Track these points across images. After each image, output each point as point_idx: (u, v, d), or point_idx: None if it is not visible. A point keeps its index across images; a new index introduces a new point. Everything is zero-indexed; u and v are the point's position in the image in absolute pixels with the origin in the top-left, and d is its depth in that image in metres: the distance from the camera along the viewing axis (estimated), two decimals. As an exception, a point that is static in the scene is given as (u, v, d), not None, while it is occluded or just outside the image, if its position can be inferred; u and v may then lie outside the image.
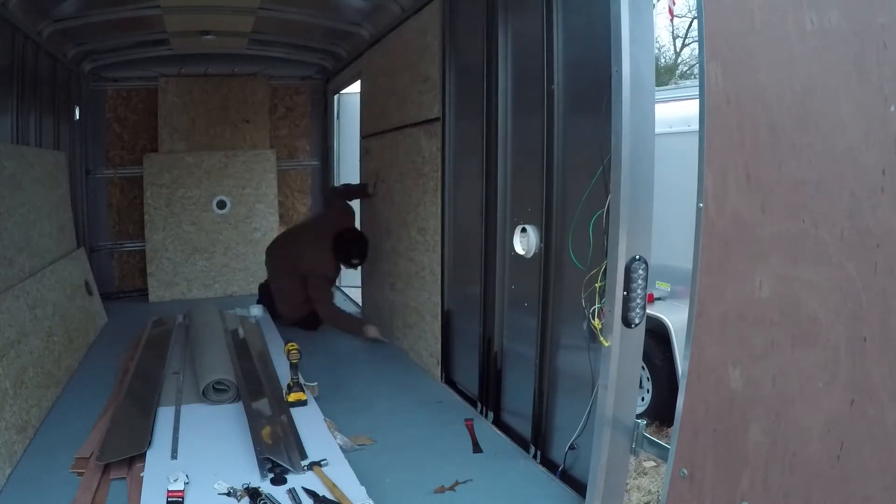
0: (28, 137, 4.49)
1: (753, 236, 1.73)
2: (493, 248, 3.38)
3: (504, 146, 3.29)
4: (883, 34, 1.45)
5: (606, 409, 2.25)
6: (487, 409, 3.49)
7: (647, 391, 5.17)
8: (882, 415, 1.48)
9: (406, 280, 4.65)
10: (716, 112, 1.77)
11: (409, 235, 4.54)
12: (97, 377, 3.99)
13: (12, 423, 2.91)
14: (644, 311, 2.19)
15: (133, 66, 6.30)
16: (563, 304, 2.83)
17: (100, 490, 2.60)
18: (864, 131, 1.50)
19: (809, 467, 1.64)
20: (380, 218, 5.21)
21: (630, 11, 2.04)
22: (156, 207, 6.38)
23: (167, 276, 6.44)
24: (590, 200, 2.48)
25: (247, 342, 4.52)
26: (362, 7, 4.97)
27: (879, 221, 1.48)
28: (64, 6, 4.52)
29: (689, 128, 4.81)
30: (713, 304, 1.84)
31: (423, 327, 4.32)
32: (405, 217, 4.59)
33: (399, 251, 4.77)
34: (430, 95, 4.07)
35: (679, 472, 1.92)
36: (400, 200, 4.70)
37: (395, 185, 4.82)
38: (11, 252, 3.62)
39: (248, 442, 2.94)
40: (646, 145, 2.12)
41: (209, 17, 5.13)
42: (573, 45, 2.74)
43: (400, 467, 2.89)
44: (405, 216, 4.59)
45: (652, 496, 4.07)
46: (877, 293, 1.49)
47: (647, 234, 2.17)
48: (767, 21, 1.69)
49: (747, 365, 1.77)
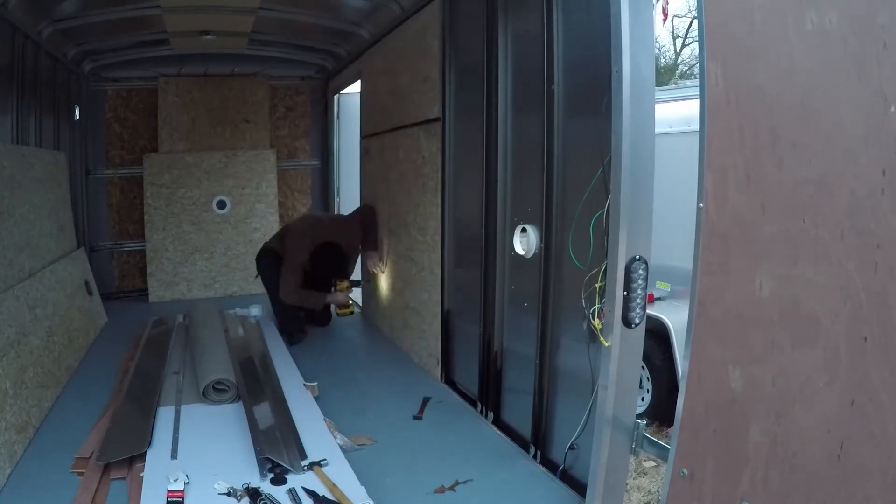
0: (28, 137, 4.49)
1: (753, 236, 1.73)
2: (493, 248, 3.37)
3: (504, 146, 3.29)
4: (883, 34, 1.45)
5: (606, 409, 2.25)
6: (487, 409, 3.48)
7: (647, 391, 5.16)
8: (882, 415, 1.48)
9: (406, 280, 4.65)
10: (716, 112, 1.78)
11: (409, 235, 4.54)
12: (97, 377, 3.99)
13: (12, 423, 2.91)
14: (644, 311, 2.19)
15: (133, 66, 6.30)
16: (563, 304, 2.83)
17: (100, 490, 2.60)
18: (864, 131, 1.51)
19: (809, 467, 1.64)
20: (380, 218, 5.21)
21: (630, 11, 2.04)
22: (156, 207, 6.38)
23: (167, 276, 6.44)
24: (590, 200, 2.48)
25: (247, 342, 4.52)
26: (362, 7, 4.97)
27: (879, 221, 1.48)
28: (64, 6, 4.52)
29: (689, 128, 4.81)
30: (713, 304, 1.84)
31: (423, 327, 4.32)
32: (405, 217, 4.59)
33: (399, 251, 4.77)
34: (430, 95, 4.07)
35: (679, 472, 1.92)
36: (400, 200, 4.70)
37: (394, 186, 4.81)
38: (11, 252, 3.62)
39: (248, 442, 2.94)
40: (646, 145, 2.12)
41: (209, 17, 5.13)
42: (573, 45, 2.74)
43: (400, 467, 2.89)
44: (405, 216, 4.59)
45: (652, 496, 4.06)
46: (877, 293, 1.49)
47: (647, 234, 2.17)
48: (767, 21, 1.69)
49: (747, 365, 1.77)
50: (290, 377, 3.89)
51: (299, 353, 4.43)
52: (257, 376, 3.79)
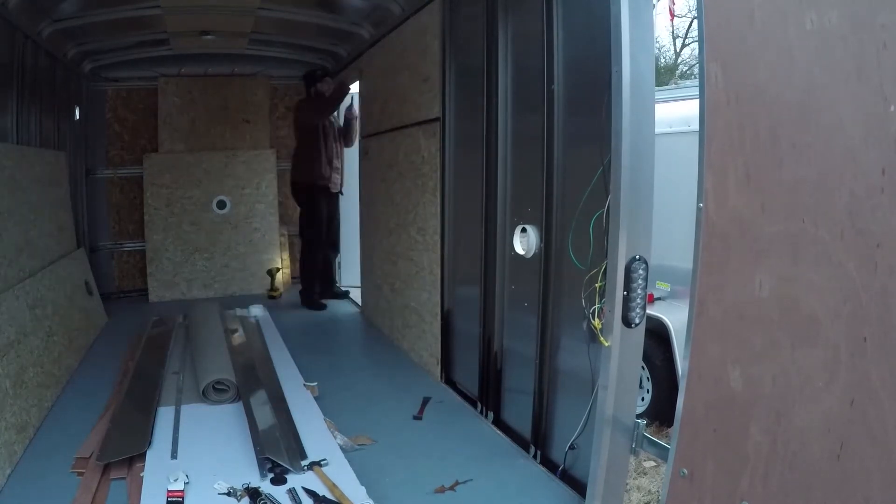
0: (28, 137, 4.49)
1: (753, 236, 1.73)
2: (493, 248, 3.37)
3: (504, 146, 3.29)
4: (883, 34, 1.44)
5: (606, 409, 2.25)
6: (487, 409, 3.48)
7: (647, 391, 5.16)
8: (882, 415, 1.48)
9: (406, 280, 4.64)
10: (716, 112, 1.77)
11: (408, 236, 4.54)
12: (97, 377, 3.99)
13: (12, 423, 2.91)
14: (644, 311, 2.19)
15: (133, 66, 6.30)
16: (563, 304, 2.83)
17: (100, 490, 2.60)
18: (864, 131, 1.50)
19: (809, 467, 1.64)
20: (379, 218, 5.21)
21: (630, 11, 2.05)
22: (156, 207, 6.38)
23: (167, 276, 6.44)
24: (590, 200, 2.48)
25: (247, 342, 4.52)
26: (362, 7, 4.97)
27: (879, 221, 1.47)
28: (64, 6, 4.52)
29: (689, 128, 4.81)
30: (713, 304, 1.84)
31: (423, 327, 4.32)
32: (405, 217, 4.59)
33: (399, 252, 4.77)
34: (430, 95, 4.07)
35: (679, 472, 1.92)
36: (400, 201, 4.70)
37: (394, 185, 4.81)
38: (11, 252, 3.62)
39: (248, 442, 2.94)
40: (646, 145, 2.12)
41: (209, 17, 5.13)
42: (573, 45, 2.74)
43: (400, 467, 2.89)
44: (405, 216, 4.59)
45: (652, 496, 4.06)
46: (877, 293, 1.49)
47: (647, 234, 2.17)
48: (767, 21, 1.69)
49: (747, 365, 1.77)
50: (290, 377, 3.89)
51: (299, 353, 4.43)
52: (257, 376, 3.79)
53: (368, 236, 5.60)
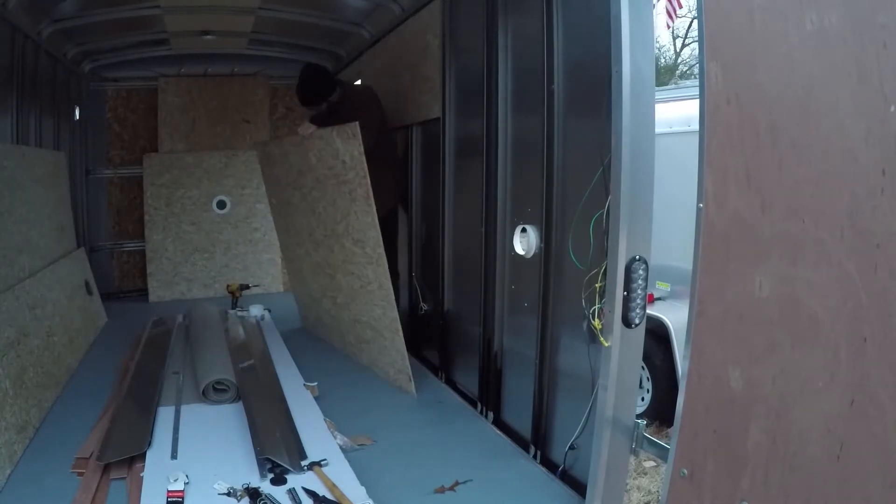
0: (28, 137, 4.49)
1: (753, 236, 1.73)
2: (493, 248, 3.37)
3: (504, 146, 3.29)
4: (883, 34, 1.44)
5: (606, 409, 2.25)
6: (487, 409, 3.48)
7: (647, 391, 5.16)
8: (882, 415, 1.48)
9: (350, 294, 4.25)
10: (716, 112, 1.77)
11: (343, 247, 4.17)
12: (97, 377, 3.99)
13: (12, 423, 2.91)
14: (644, 311, 2.19)
15: (133, 66, 6.30)
16: (563, 304, 2.83)
17: (100, 490, 2.60)
18: (864, 131, 1.50)
19: (809, 467, 1.64)
20: (302, 229, 4.68)
21: (630, 11, 2.04)
22: (156, 207, 6.38)
23: (167, 276, 6.44)
24: (590, 200, 2.47)
25: (247, 342, 4.52)
26: (362, 7, 4.97)
27: (879, 221, 1.48)
28: (64, 6, 4.52)
29: (689, 128, 4.81)
30: (713, 304, 1.84)
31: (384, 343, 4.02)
32: (333, 228, 4.15)
33: (334, 264, 4.32)
34: (430, 95, 4.07)
35: (679, 472, 1.92)
36: (322, 210, 4.20)
37: (312, 193, 4.31)
38: (11, 252, 3.61)
39: (248, 442, 2.94)
40: (646, 145, 2.12)
41: (209, 17, 5.13)
42: (573, 45, 2.74)
43: (400, 467, 2.89)
44: (333, 227, 4.15)
45: (652, 496, 4.06)
46: (877, 293, 1.49)
47: (647, 234, 2.17)
48: (767, 21, 1.69)
49: (747, 365, 1.77)
50: (290, 377, 3.89)
51: (299, 353, 4.42)
52: (257, 376, 3.79)
53: (291, 247, 5.10)
